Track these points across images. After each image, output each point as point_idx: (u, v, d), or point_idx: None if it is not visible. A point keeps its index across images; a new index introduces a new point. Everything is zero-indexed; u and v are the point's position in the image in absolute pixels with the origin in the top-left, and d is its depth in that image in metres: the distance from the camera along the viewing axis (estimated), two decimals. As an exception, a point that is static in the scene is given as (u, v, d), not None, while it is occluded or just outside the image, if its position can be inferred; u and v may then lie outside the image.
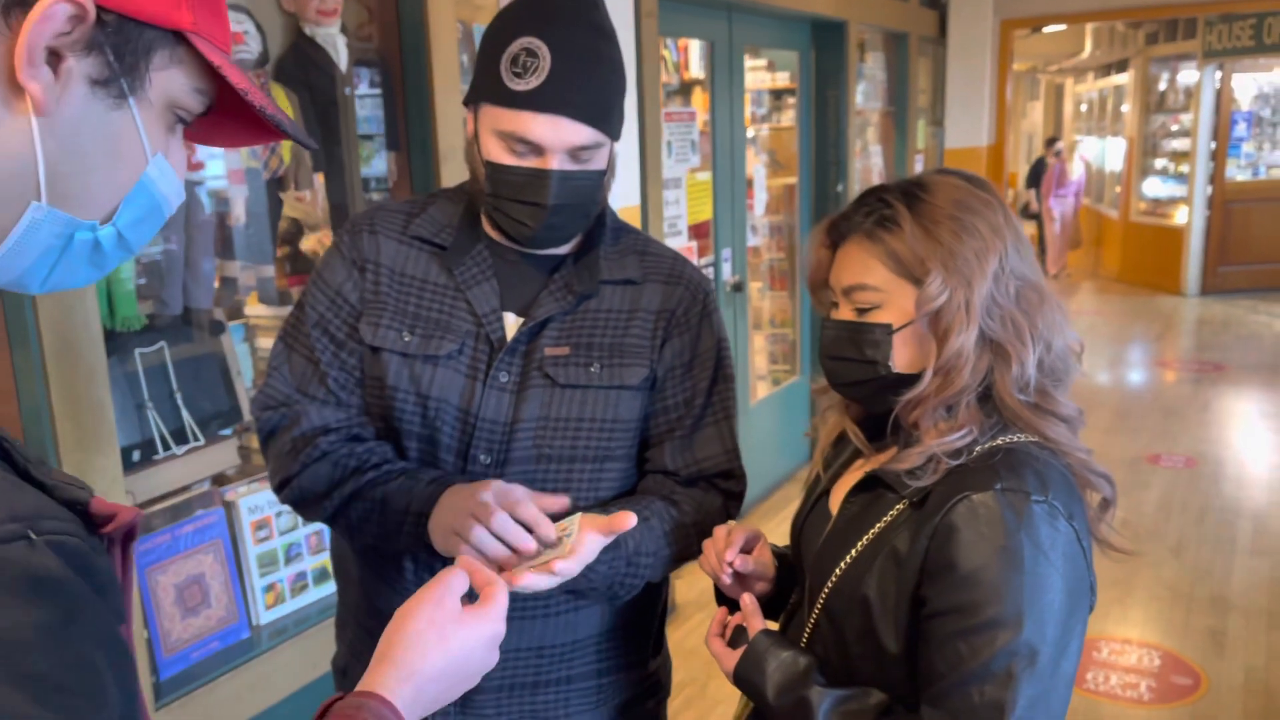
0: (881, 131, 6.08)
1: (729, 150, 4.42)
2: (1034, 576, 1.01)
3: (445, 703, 0.90)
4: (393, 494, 1.27)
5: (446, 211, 1.38)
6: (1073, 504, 1.07)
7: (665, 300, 1.37)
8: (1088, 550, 1.08)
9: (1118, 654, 3.45)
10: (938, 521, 1.06)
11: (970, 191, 1.13)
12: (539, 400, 1.30)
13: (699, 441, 1.38)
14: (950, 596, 1.03)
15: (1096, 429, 5.90)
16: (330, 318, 1.36)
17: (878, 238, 1.12)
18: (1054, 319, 1.13)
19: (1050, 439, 1.11)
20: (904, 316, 1.12)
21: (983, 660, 1.00)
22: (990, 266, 1.09)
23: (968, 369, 1.10)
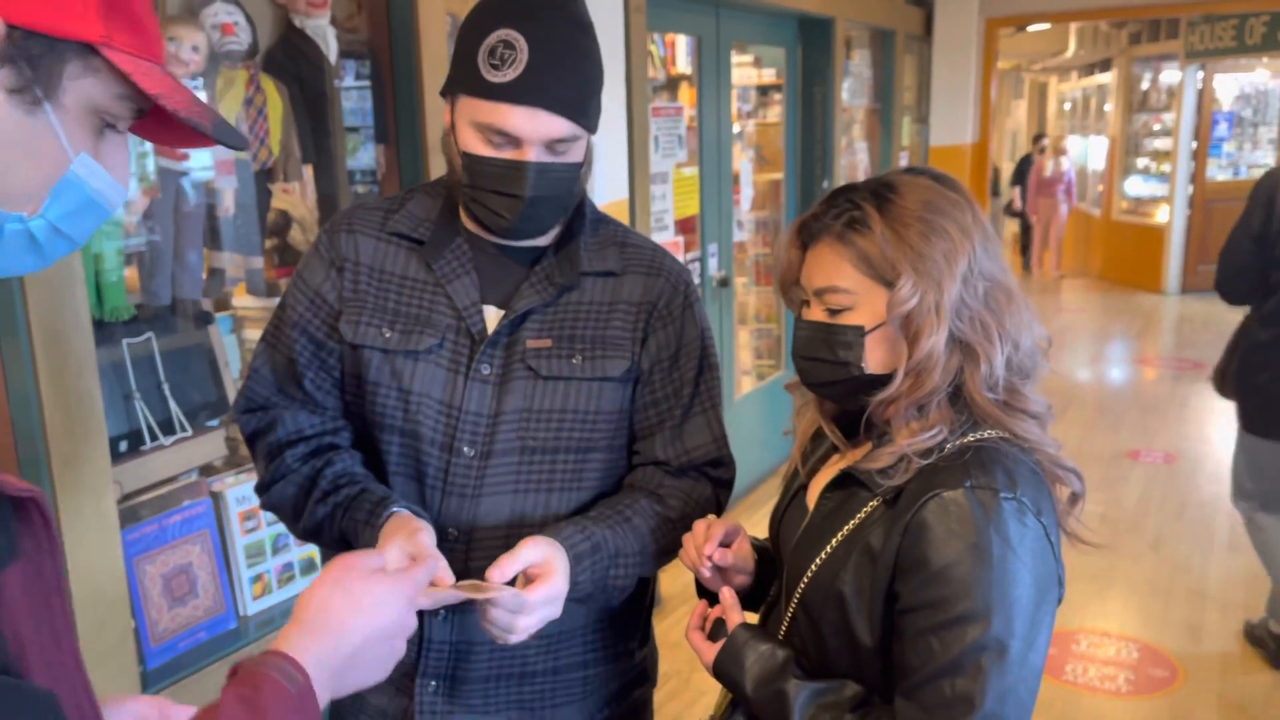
0: (867, 128, 6.11)
1: (716, 146, 4.44)
2: (1002, 572, 1.03)
3: (372, 664, 0.88)
4: (348, 531, 1.30)
5: (424, 206, 1.39)
6: (1041, 499, 1.09)
7: (646, 292, 1.38)
8: (1056, 545, 1.10)
9: (1096, 646, 3.50)
10: (909, 519, 1.08)
11: (939, 192, 1.14)
12: (521, 392, 1.31)
13: (688, 432, 1.40)
14: (921, 592, 1.05)
15: (1077, 424, 5.95)
16: (310, 318, 1.37)
17: (848, 240, 1.13)
18: (1021, 318, 1.15)
19: (1019, 435, 1.13)
20: (875, 318, 1.13)
21: (953, 655, 1.02)
22: (959, 268, 1.11)
23: (938, 370, 1.12)
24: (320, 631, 0.86)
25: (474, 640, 1.35)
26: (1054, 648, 3.48)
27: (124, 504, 2.06)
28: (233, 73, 2.27)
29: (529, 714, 1.39)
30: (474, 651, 1.36)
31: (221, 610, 2.25)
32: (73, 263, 1.79)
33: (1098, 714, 3.11)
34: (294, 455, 1.36)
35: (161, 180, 2.08)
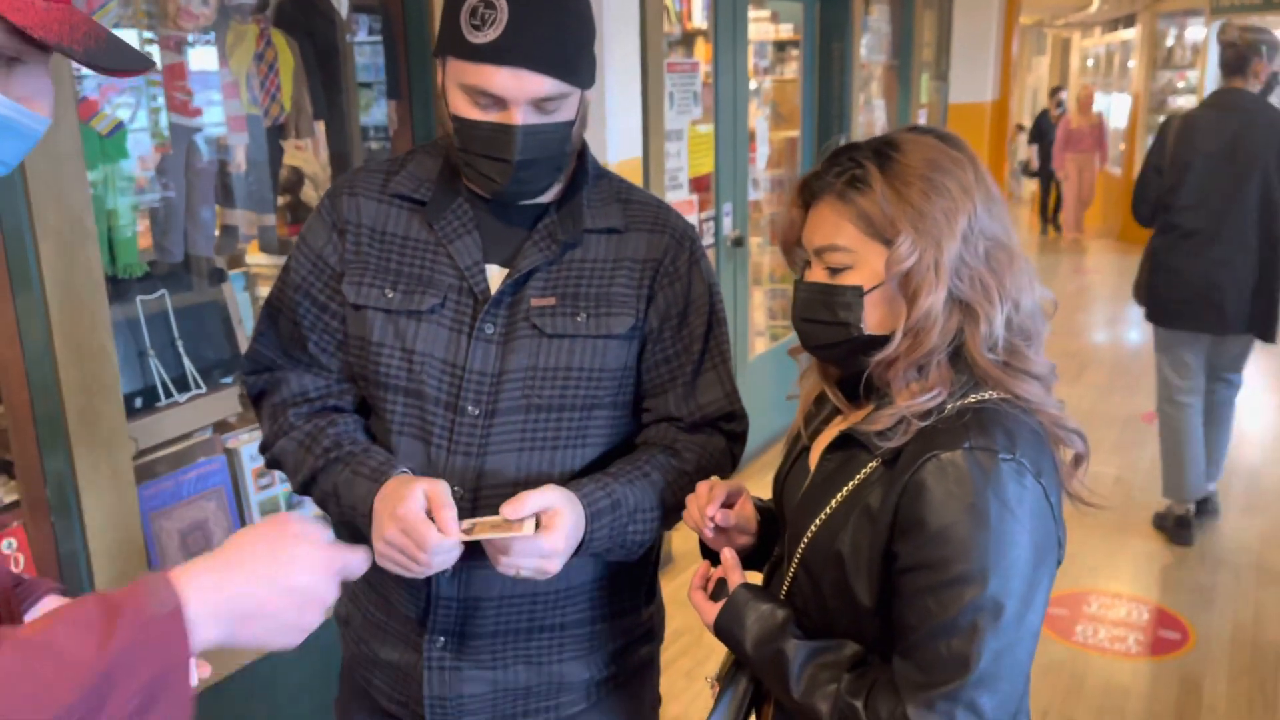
0: (885, 85, 6.03)
1: (731, 102, 4.39)
2: (1000, 533, 1.03)
3: (276, 623, 0.84)
4: (342, 486, 1.31)
5: (425, 166, 1.38)
6: (1041, 460, 1.08)
7: (651, 249, 1.38)
8: (1056, 506, 1.09)
9: (1107, 608, 3.50)
10: (907, 479, 1.07)
11: (942, 150, 1.13)
12: (526, 351, 1.31)
13: (700, 387, 1.40)
14: (919, 553, 1.05)
15: (1093, 387, 5.92)
16: (313, 281, 1.37)
17: (849, 198, 1.12)
18: (1022, 279, 1.14)
19: (1021, 397, 1.12)
20: (874, 278, 1.13)
21: (950, 615, 1.03)
22: (959, 226, 1.10)
23: (936, 329, 1.11)
24: (225, 568, 0.82)
25: (482, 596, 1.36)
26: (1064, 608, 3.50)
27: (139, 460, 2.08)
28: (243, 27, 2.25)
29: (536, 669, 1.40)
30: (481, 608, 1.37)
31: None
32: (84, 219, 1.80)
33: (1108, 675, 3.12)
34: (297, 414, 1.37)
35: (173, 136, 2.07)
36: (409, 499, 1.20)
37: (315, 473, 1.34)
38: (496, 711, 1.40)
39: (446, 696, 1.37)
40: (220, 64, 2.21)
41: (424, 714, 1.38)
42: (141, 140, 2.11)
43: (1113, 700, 3.01)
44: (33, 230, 1.73)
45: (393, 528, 1.20)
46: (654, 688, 1.57)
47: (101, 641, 0.71)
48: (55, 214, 1.75)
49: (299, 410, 1.37)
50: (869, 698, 1.08)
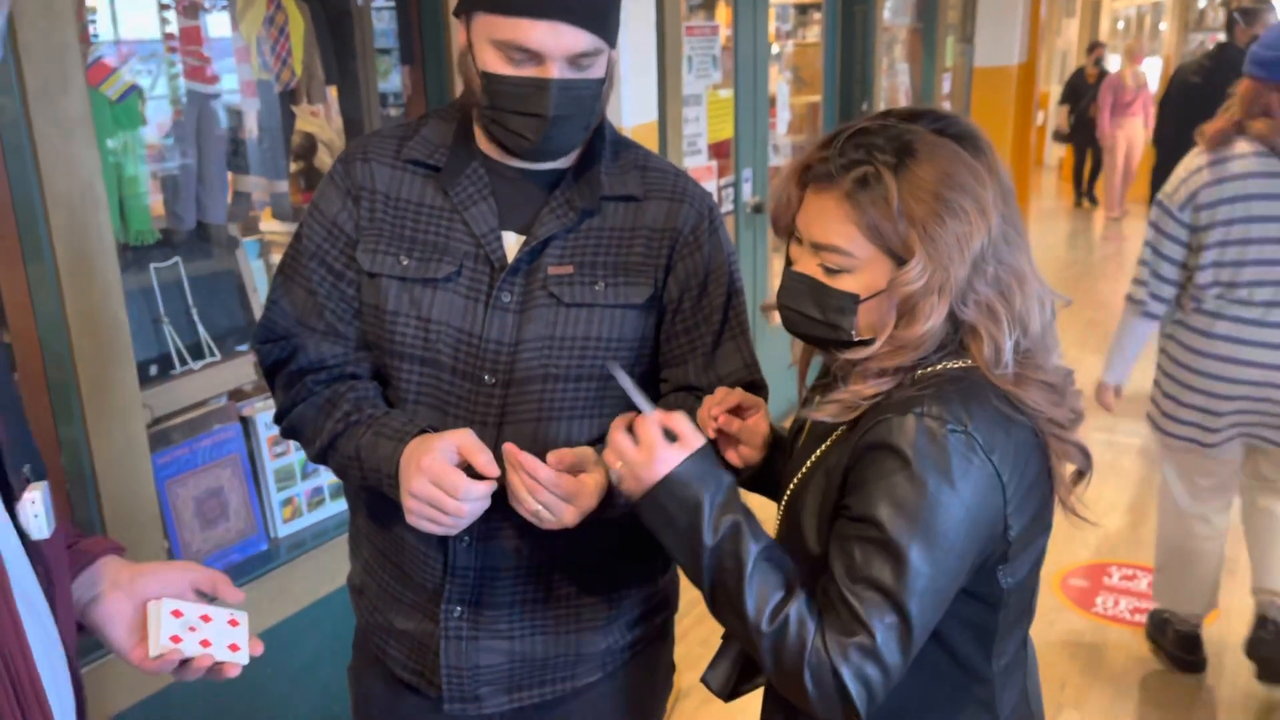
0: (909, 49, 5.93)
1: (751, 67, 4.32)
2: (935, 504, 1.04)
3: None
4: (365, 449, 1.29)
5: (439, 131, 1.36)
6: (997, 438, 1.07)
7: (670, 218, 1.36)
8: (1008, 487, 1.08)
9: (1128, 580, 3.47)
10: (858, 439, 1.09)
11: (962, 162, 1.09)
12: (544, 320, 1.30)
13: (721, 357, 1.39)
14: (859, 505, 1.08)
15: (1118, 356, 5.84)
16: (327, 248, 1.35)
17: (858, 202, 1.08)
18: (1032, 302, 1.12)
19: (1025, 404, 1.11)
20: (872, 288, 1.10)
21: (866, 573, 1.05)
22: (971, 252, 1.07)
23: (922, 349, 1.11)
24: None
25: (499, 566, 1.36)
26: (1085, 580, 3.47)
27: (154, 428, 2.08)
28: (254, -9, 2.22)
29: (553, 638, 1.40)
30: (499, 577, 1.36)
31: (253, 533, 2.28)
32: (95, 185, 1.78)
33: (1126, 647, 3.10)
34: (315, 380, 1.36)
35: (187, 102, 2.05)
36: (436, 449, 1.20)
37: (335, 437, 1.32)
38: (513, 681, 1.40)
39: (463, 666, 1.37)
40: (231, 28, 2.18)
41: (440, 684, 1.38)
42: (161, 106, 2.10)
43: (1131, 672, 2.99)
44: (43, 198, 1.72)
45: (420, 479, 1.19)
46: (669, 656, 1.57)
47: None
48: (65, 181, 1.74)
49: (317, 378, 1.36)
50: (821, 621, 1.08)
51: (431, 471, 1.19)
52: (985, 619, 1.15)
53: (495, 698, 1.39)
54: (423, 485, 1.19)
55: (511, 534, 1.34)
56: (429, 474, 1.19)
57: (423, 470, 1.19)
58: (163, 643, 1.05)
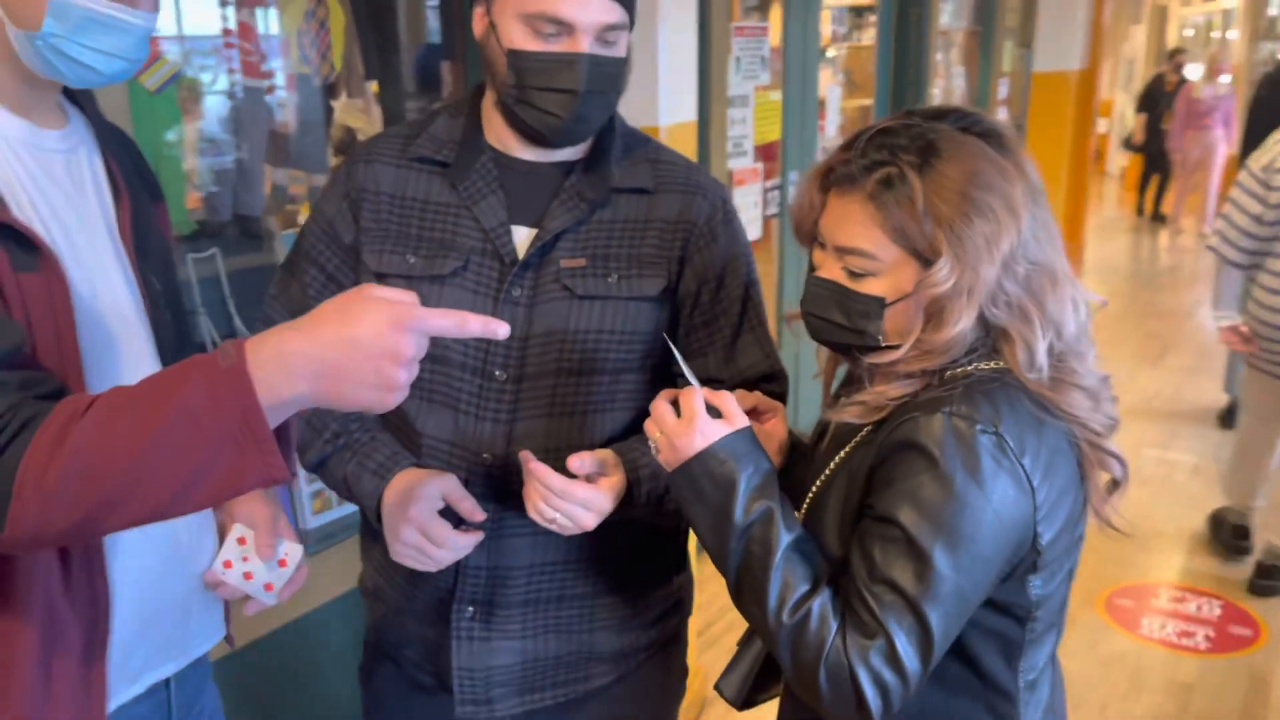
0: (966, 52, 5.83)
1: (801, 69, 4.27)
2: (961, 505, 1.00)
3: (351, 378, 0.86)
4: (351, 478, 1.33)
5: (447, 127, 1.35)
6: (1028, 441, 1.04)
7: (683, 211, 1.34)
8: (1038, 491, 1.04)
9: (1177, 601, 3.37)
10: (884, 438, 1.06)
11: (989, 160, 1.05)
12: (557, 313, 1.29)
13: (740, 350, 1.38)
14: (882, 505, 1.04)
15: (1176, 370, 5.70)
16: (321, 249, 1.36)
17: (883, 204, 1.05)
18: (1066, 303, 1.08)
19: (1063, 409, 1.07)
20: (898, 291, 1.07)
21: (887, 574, 1.01)
22: (1001, 252, 1.04)
23: (952, 352, 1.07)
24: (292, 329, 0.88)
25: (511, 565, 1.35)
26: (1131, 600, 3.37)
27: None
28: (296, -16, 2.23)
29: (566, 638, 1.39)
30: (511, 577, 1.35)
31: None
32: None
33: (1172, 670, 3.00)
34: None
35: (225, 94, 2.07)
36: (421, 500, 1.25)
37: (324, 458, 1.35)
38: (526, 683, 1.38)
39: (475, 668, 1.36)
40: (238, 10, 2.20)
41: (453, 686, 1.37)
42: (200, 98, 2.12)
43: (1175, 697, 2.89)
44: (79, 186, 1.73)
45: (407, 529, 1.24)
46: (682, 659, 1.54)
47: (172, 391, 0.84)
48: (101, 170, 1.76)
49: None
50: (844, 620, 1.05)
51: (418, 522, 1.24)
52: (1011, 631, 1.11)
53: (507, 700, 1.38)
54: (410, 534, 1.25)
55: (524, 533, 1.33)
56: (416, 524, 1.24)
57: (410, 520, 1.25)
58: (215, 565, 1.22)
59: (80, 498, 0.85)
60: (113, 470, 0.85)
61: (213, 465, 0.85)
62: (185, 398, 0.84)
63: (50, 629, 1.01)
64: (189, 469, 0.85)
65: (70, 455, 0.84)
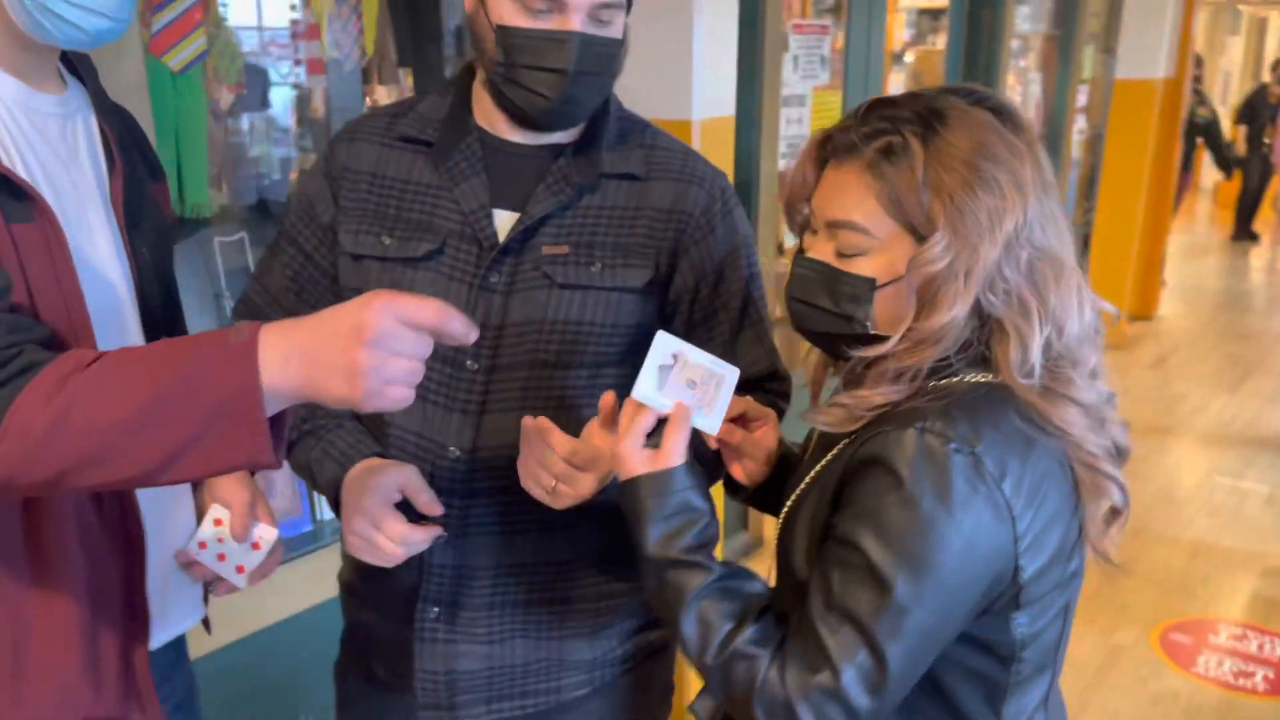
0: (1043, 57, 5.64)
1: (863, 70, 4.15)
2: (928, 530, 0.91)
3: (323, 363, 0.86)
4: (314, 465, 1.29)
5: (434, 107, 1.31)
6: (1010, 463, 0.93)
7: (678, 200, 1.28)
8: (1019, 520, 0.94)
9: (1237, 639, 3.18)
10: (853, 452, 0.97)
11: (997, 132, 0.96)
12: (535, 302, 1.24)
13: (741, 347, 1.32)
14: (844, 527, 0.95)
15: (1254, 395, 5.44)
16: (301, 228, 1.32)
17: (880, 172, 0.96)
18: (1070, 298, 0.97)
19: (1056, 424, 0.96)
20: (891, 271, 0.98)
21: (845, 603, 0.93)
22: (1004, 232, 0.94)
23: (945, 344, 0.97)
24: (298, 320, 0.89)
25: (477, 565, 1.29)
26: (1187, 636, 3.20)
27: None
28: (330, -31, 2.21)
29: (535, 644, 1.33)
30: (476, 577, 1.30)
31: (298, 514, 2.27)
32: (147, 155, 1.80)
33: (1225, 712, 2.83)
34: None
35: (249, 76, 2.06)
36: (375, 490, 1.19)
37: (291, 444, 1.30)
38: (493, 690, 1.32)
39: (439, 671, 1.31)
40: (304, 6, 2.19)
41: (415, 688, 1.32)
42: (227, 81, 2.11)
43: (1229, 742, 2.72)
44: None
45: (359, 519, 1.19)
46: (666, 676, 1.47)
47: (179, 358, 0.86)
48: (116, 149, 1.75)
49: None
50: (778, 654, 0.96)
51: (371, 513, 1.18)
52: (994, 672, 1.01)
53: (473, 708, 1.32)
54: (363, 526, 1.19)
55: (492, 530, 1.28)
56: (368, 515, 1.19)
57: (362, 511, 1.19)
58: (190, 545, 1.21)
59: (65, 450, 0.85)
60: (101, 427, 0.85)
61: (203, 438, 0.85)
62: (190, 368, 0.85)
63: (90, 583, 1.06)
64: (180, 438, 0.85)
65: (63, 406, 0.84)
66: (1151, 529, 3.80)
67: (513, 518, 1.28)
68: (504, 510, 1.28)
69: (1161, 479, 4.33)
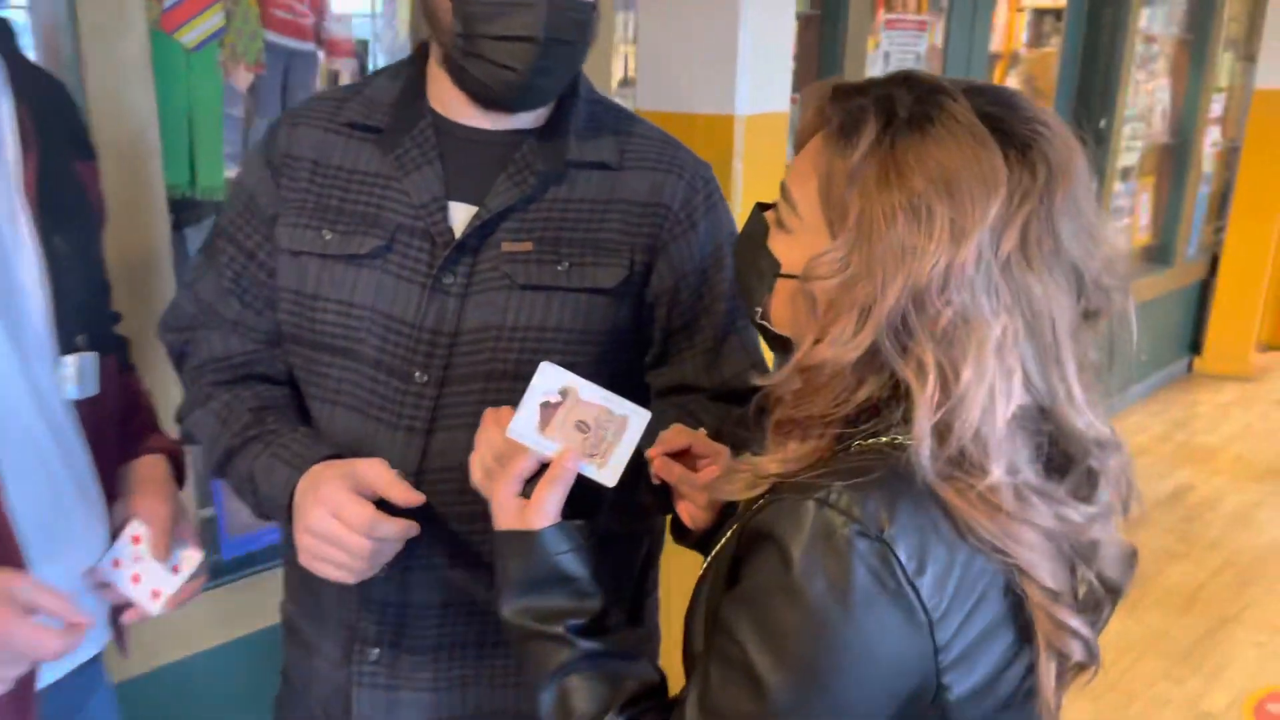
0: (1174, 63, 5.24)
1: (964, 70, 3.90)
2: (817, 633, 0.73)
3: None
4: (260, 473, 1.12)
5: (384, 90, 1.18)
6: (932, 555, 0.74)
7: (655, 192, 1.15)
8: (947, 636, 0.74)
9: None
10: (744, 523, 0.81)
11: (980, 167, 0.75)
12: (494, 305, 1.11)
13: (725, 354, 1.19)
14: (727, 612, 0.80)
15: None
16: (241, 224, 1.20)
17: (832, 147, 0.81)
18: (990, 378, 0.74)
19: (1010, 553, 0.75)
20: (794, 266, 0.83)
21: (721, 703, 0.78)
22: (912, 278, 0.74)
23: (834, 392, 0.79)
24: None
25: (421, 603, 1.16)
26: None
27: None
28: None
29: (487, 694, 1.20)
30: (421, 616, 1.17)
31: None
32: (148, 134, 1.73)
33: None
34: (216, 380, 1.20)
35: (269, 57, 1.98)
36: (335, 478, 1.02)
37: (231, 452, 1.16)
38: None
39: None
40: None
41: None
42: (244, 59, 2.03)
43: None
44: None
45: (319, 511, 1.01)
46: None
47: None
48: (115, 127, 1.69)
49: (219, 377, 1.20)
50: None
51: (333, 502, 1.01)
52: None
53: None
54: (321, 519, 1.01)
55: (439, 564, 1.15)
56: (329, 505, 1.01)
57: (321, 501, 1.01)
58: (103, 563, 1.12)
59: None
60: None
61: None
62: None
63: None
64: None
65: None
66: (1260, 584, 3.52)
67: (463, 550, 1.15)
68: (453, 541, 1.14)
69: (1278, 529, 3.98)
